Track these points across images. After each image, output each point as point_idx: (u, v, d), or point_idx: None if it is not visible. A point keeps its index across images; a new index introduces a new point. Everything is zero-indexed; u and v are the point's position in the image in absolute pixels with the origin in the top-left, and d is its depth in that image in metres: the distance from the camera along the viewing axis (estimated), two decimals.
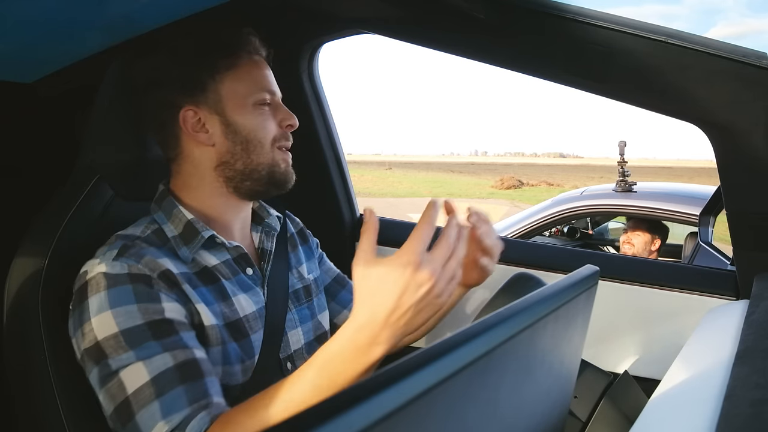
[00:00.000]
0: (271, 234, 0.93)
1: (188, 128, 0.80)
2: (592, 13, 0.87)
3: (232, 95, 0.81)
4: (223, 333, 0.76)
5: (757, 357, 0.58)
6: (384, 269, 0.57)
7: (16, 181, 1.12)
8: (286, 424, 0.27)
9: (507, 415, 0.47)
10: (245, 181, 0.82)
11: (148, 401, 0.65)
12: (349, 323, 0.59)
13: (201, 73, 0.80)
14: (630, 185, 2.68)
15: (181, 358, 0.68)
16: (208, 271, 0.80)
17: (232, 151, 0.81)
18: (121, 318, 0.68)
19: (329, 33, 1.21)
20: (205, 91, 0.80)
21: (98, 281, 0.70)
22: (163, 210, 0.82)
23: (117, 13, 0.89)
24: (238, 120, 0.80)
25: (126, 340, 0.67)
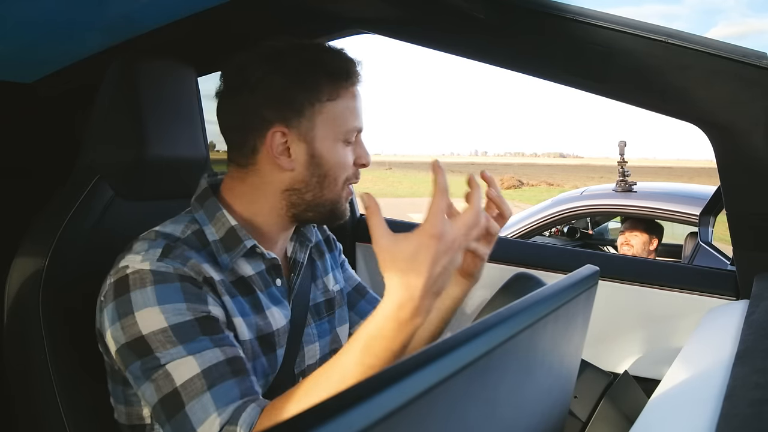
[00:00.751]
0: (305, 245, 0.90)
1: (272, 149, 0.75)
2: (592, 13, 0.87)
3: (326, 127, 0.76)
4: (255, 347, 0.75)
5: (757, 357, 0.58)
6: (411, 246, 0.60)
7: (16, 181, 1.12)
8: (286, 424, 0.27)
9: (507, 415, 0.47)
10: (308, 212, 0.79)
11: (199, 392, 0.64)
12: (388, 302, 0.60)
13: (302, 95, 0.75)
14: (630, 185, 2.68)
15: (230, 353, 0.67)
16: (245, 282, 0.77)
17: (307, 181, 0.77)
18: (169, 313, 0.67)
19: (329, 33, 1.21)
20: (301, 115, 0.75)
21: (143, 276, 0.68)
22: (205, 210, 0.78)
23: (117, 13, 0.89)
24: (324, 153, 0.77)
25: (175, 334, 0.66)
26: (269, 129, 0.75)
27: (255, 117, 0.75)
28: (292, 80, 0.75)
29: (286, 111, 0.75)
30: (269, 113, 0.75)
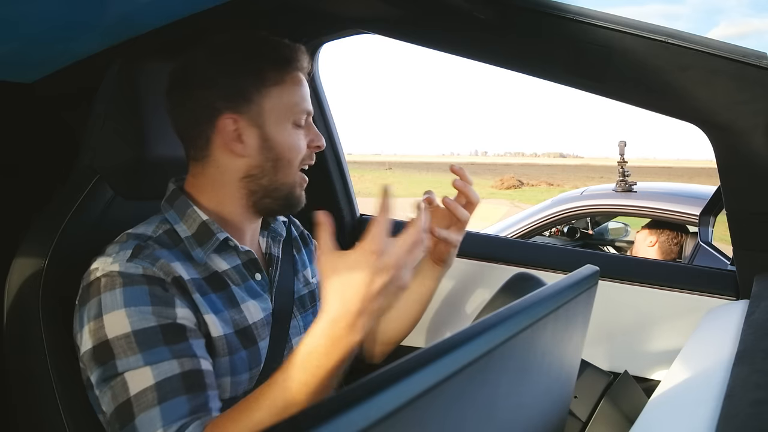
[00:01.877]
0: (277, 239, 0.92)
1: (224, 136, 0.78)
2: (592, 13, 0.87)
3: (275, 110, 0.79)
4: (233, 341, 0.75)
5: (757, 357, 0.58)
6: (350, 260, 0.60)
7: (16, 181, 1.12)
8: (286, 424, 0.27)
9: (507, 415, 0.47)
10: (266, 197, 0.81)
11: (149, 405, 0.64)
12: (323, 317, 0.61)
13: (248, 82, 0.78)
14: (630, 185, 2.68)
15: (188, 366, 0.67)
16: (219, 277, 0.79)
17: (262, 165, 0.79)
18: (134, 318, 0.67)
19: (329, 33, 1.21)
20: (249, 102, 0.78)
21: (112, 279, 0.69)
22: (176, 209, 0.80)
23: (116, 13, 0.89)
24: (275, 136, 0.79)
25: (137, 341, 0.66)
26: (219, 117, 0.78)
27: (206, 108, 0.78)
28: (237, 69, 0.78)
29: (235, 98, 0.78)
30: (219, 103, 0.78)
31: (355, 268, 0.60)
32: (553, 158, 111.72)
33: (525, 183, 24.13)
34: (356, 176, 25.12)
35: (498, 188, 21.93)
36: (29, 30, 0.87)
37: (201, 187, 0.82)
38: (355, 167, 35.08)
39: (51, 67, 1.05)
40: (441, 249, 0.93)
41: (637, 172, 3.27)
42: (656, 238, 2.54)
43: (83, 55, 1.01)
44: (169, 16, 0.94)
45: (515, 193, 20.37)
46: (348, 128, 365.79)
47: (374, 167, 37.84)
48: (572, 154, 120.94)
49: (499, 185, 22.58)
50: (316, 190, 1.38)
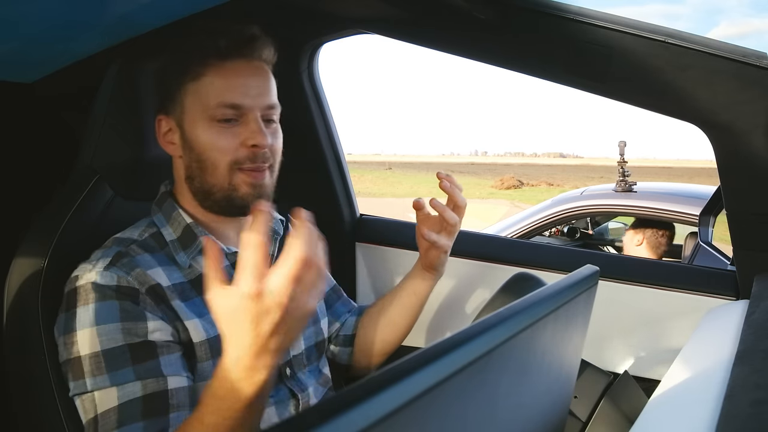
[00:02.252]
0: (275, 238, 0.91)
1: (160, 137, 0.80)
2: (592, 13, 0.87)
3: (193, 107, 0.75)
4: (216, 344, 0.74)
5: (757, 357, 0.58)
6: (230, 302, 0.54)
7: (16, 181, 1.12)
8: (286, 424, 0.27)
9: (507, 415, 0.47)
10: (206, 199, 0.79)
11: (111, 428, 0.66)
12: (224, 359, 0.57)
13: (171, 81, 0.78)
14: (630, 185, 2.68)
15: (151, 389, 0.68)
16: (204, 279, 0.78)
17: (190, 167, 0.78)
18: (103, 337, 0.68)
19: (329, 33, 1.21)
20: (173, 100, 0.78)
21: (87, 292, 0.70)
22: (163, 212, 0.81)
23: (116, 13, 0.89)
24: (192, 135, 0.76)
25: (105, 361, 0.67)
26: (156, 119, 0.80)
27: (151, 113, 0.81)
28: (165, 66, 0.79)
29: (163, 98, 0.79)
30: (155, 104, 0.80)
31: (236, 313, 0.54)
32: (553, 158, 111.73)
33: (525, 183, 24.13)
34: (356, 176, 25.13)
35: (498, 188, 21.93)
36: (29, 30, 0.87)
37: (175, 190, 0.83)
38: (355, 167, 35.08)
39: (51, 67, 1.05)
40: (432, 255, 0.93)
41: (637, 172, 3.27)
42: (642, 236, 2.57)
43: (83, 55, 1.01)
44: (169, 16, 0.94)
45: (515, 193, 20.38)
46: (348, 128, 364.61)
47: (374, 167, 37.83)
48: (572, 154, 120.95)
49: (499, 185, 22.58)
50: (316, 190, 1.38)
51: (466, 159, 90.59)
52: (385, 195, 17.78)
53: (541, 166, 53.16)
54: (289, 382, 0.84)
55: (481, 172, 36.03)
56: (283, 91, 0.87)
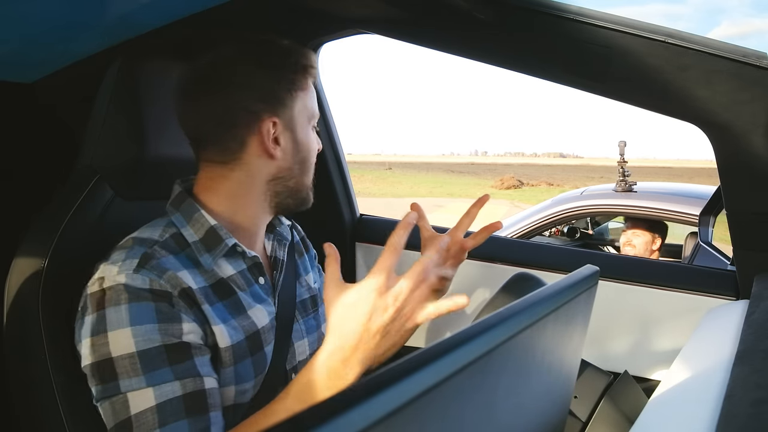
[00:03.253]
0: (283, 243, 0.92)
1: (265, 138, 0.77)
2: (592, 13, 0.87)
3: (302, 114, 0.82)
4: (240, 349, 0.75)
5: (757, 357, 0.58)
6: (352, 295, 0.61)
7: (16, 182, 1.12)
8: (286, 423, 0.27)
9: (507, 415, 0.47)
10: (289, 198, 0.83)
11: (150, 428, 0.64)
12: (322, 349, 0.61)
13: (283, 86, 0.79)
14: (630, 185, 2.68)
15: (190, 387, 0.67)
16: (224, 284, 0.77)
17: (291, 168, 0.82)
18: (139, 338, 0.66)
19: (329, 33, 1.21)
20: (284, 105, 0.79)
21: (118, 293, 0.68)
22: (182, 212, 0.78)
23: (116, 13, 0.89)
24: (303, 139, 0.82)
25: (141, 362, 0.66)
26: (260, 120, 0.77)
27: (244, 111, 0.77)
28: (274, 73, 0.79)
29: (272, 101, 0.79)
30: (258, 106, 0.78)
31: (355, 303, 0.60)
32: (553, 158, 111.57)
33: (525, 183, 24.14)
34: (356, 176, 25.12)
35: (498, 188, 21.93)
36: (29, 30, 0.87)
37: (217, 190, 0.80)
38: (355, 167, 35.06)
39: (51, 67, 1.05)
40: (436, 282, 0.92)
41: (637, 172, 3.27)
42: (631, 235, 2.61)
43: (83, 55, 1.01)
44: (169, 16, 0.94)
45: (515, 193, 20.38)
46: (348, 128, 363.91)
47: (374, 167, 37.83)
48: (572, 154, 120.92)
49: (499, 185, 22.59)
50: (316, 191, 1.38)
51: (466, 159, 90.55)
52: (385, 195, 17.78)
53: (541, 166, 53.13)
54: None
55: (481, 172, 36.04)
56: None
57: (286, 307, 0.86)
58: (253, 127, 0.77)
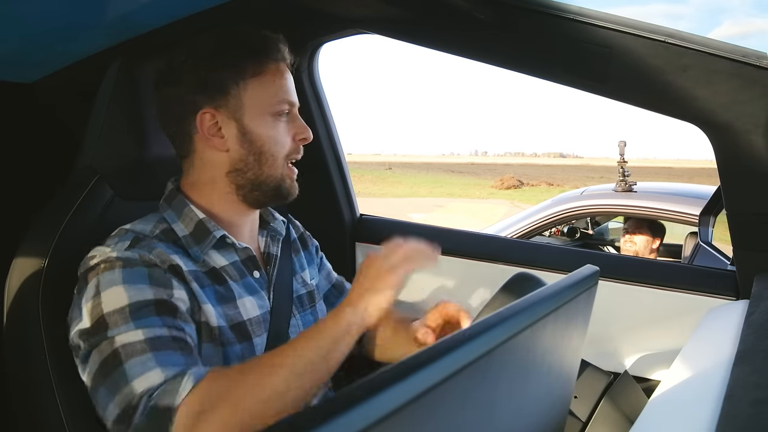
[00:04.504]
0: (277, 238, 0.93)
1: (204, 131, 0.78)
2: (592, 13, 0.87)
3: (254, 103, 0.79)
4: (227, 334, 0.76)
5: (757, 357, 0.58)
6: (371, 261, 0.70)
7: (16, 181, 1.12)
8: (286, 423, 0.27)
9: (507, 415, 0.47)
10: (254, 191, 0.82)
11: (141, 352, 0.65)
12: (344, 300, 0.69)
13: (225, 75, 0.78)
14: (630, 185, 2.68)
15: (177, 335, 0.68)
16: (216, 272, 0.79)
17: (245, 160, 0.80)
18: (132, 292, 0.68)
19: (329, 33, 1.21)
20: (227, 95, 0.78)
21: (111, 262, 0.70)
22: (174, 209, 0.81)
23: (117, 13, 0.89)
24: (254, 129, 0.79)
25: (131, 312, 0.67)
26: (198, 112, 0.78)
27: (185, 104, 0.78)
28: (215, 62, 0.78)
29: (213, 92, 0.78)
30: (197, 98, 0.78)
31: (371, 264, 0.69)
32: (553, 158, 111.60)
33: (525, 183, 24.13)
34: (356, 176, 25.13)
35: (498, 188, 21.93)
36: (29, 30, 0.87)
37: (192, 184, 0.83)
38: (355, 167, 35.06)
39: (51, 67, 1.05)
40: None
41: (637, 172, 3.27)
42: (631, 237, 2.62)
43: (83, 55, 1.01)
44: (169, 16, 0.94)
45: (515, 193, 20.37)
46: (348, 128, 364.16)
47: (374, 167, 37.83)
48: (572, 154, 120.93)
49: (499, 185, 22.58)
50: (316, 190, 1.38)
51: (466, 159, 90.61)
52: (385, 195, 17.78)
53: (541, 166, 53.11)
54: None
55: (481, 172, 36.05)
56: None
57: (281, 302, 0.87)
58: (193, 119, 0.78)
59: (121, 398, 0.64)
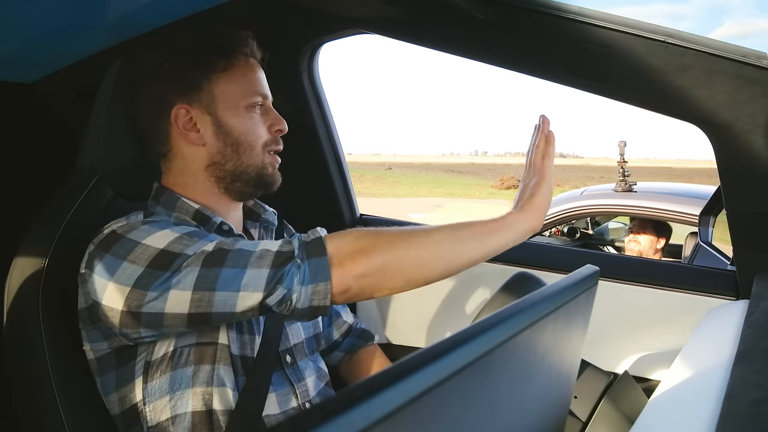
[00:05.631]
0: (270, 229, 0.94)
1: (179, 126, 0.80)
2: (592, 13, 0.87)
3: (226, 96, 0.81)
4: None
5: (757, 357, 0.58)
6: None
7: (16, 181, 1.12)
8: (286, 423, 0.27)
9: (507, 415, 0.47)
10: (235, 182, 0.83)
11: (247, 242, 0.68)
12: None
13: (196, 71, 0.80)
14: (630, 185, 2.68)
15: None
16: None
17: (222, 152, 0.81)
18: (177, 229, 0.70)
19: (329, 33, 1.21)
20: (199, 90, 0.80)
21: (133, 224, 0.71)
22: (163, 204, 0.82)
23: (117, 13, 0.89)
24: (229, 121, 0.81)
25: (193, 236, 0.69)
26: (172, 109, 0.79)
27: (159, 103, 0.80)
28: (185, 59, 0.80)
29: (183, 88, 0.80)
30: (171, 95, 0.80)
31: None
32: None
33: None
34: (356, 176, 25.11)
35: (498, 188, 21.92)
36: (30, 30, 0.87)
37: (174, 182, 0.83)
38: (355, 167, 35.04)
39: (51, 67, 1.05)
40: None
41: (637, 172, 3.27)
42: (637, 237, 2.60)
43: (83, 55, 1.01)
44: (169, 16, 0.94)
45: (515, 193, 20.33)
46: (348, 128, 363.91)
47: (374, 167, 37.82)
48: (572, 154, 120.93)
49: (499, 185, 22.56)
50: (316, 190, 1.38)
51: (466, 159, 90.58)
52: (385, 195, 17.78)
53: None
54: (289, 369, 0.85)
55: (481, 172, 36.04)
56: (283, 91, 0.88)
57: None
58: (168, 117, 0.80)
59: (260, 261, 0.65)
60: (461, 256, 0.69)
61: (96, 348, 0.74)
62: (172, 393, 0.73)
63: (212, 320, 0.67)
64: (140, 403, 0.74)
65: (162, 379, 0.73)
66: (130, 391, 0.74)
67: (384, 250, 0.65)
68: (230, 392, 0.74)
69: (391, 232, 0.68)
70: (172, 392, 0.73)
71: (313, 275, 0.64)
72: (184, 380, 0.73)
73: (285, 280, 0.64)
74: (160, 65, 0.80)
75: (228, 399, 0.74)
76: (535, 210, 0.76)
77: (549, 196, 0.79)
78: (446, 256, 0.68)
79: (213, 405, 0.73)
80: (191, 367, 0.73)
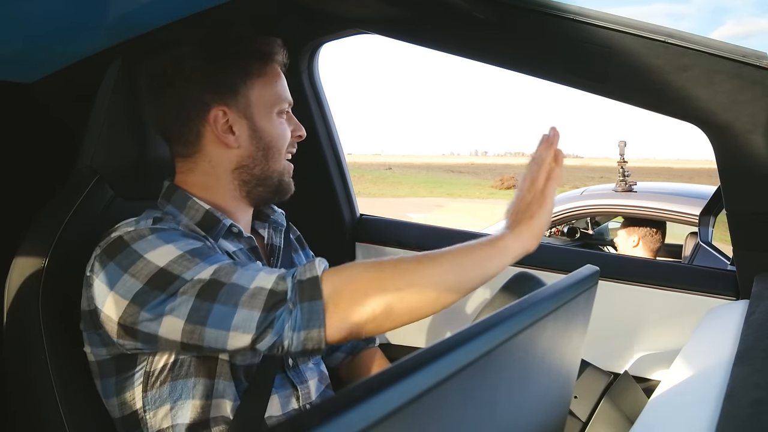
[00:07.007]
0: (279, 230, 0.94)
1: (216, 128, 0.80)
2: (592, 13, 0.87)
3: (260, 101, 0.82)
4: None
5: (757, 357, 0.58)
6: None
7: (16, 181, 1.12)
8: (286, 424, 0.27)
9: (507, 415, 0.47)
10: (258, 186, 0.84)
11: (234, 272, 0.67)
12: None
13: (234, 75, 0.80)
14: (630, 185, 2.68)
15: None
16: (229, 256, 0.80)
17: (253, 155, 0.82)
18: (181, 244, 0.69)
19: (329, 33, 1.21)
20: (236, 93, 0.80)
21: (140, 232, 0.71)
22: (174, 203, 0.81)
23: (117, 13, 0.89)
24: (264, 126, 0.82)
25: (194, 255, 0.68)
26: (210, 110, 0.79)
27: (195, 103, 0.79)
28: (223, 63, 0.80)
29: (223, 91, 0.80)
30: (208, 97, 0.79)
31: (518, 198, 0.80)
32: None
33: None
34: (356, 176, 25.10)
35: (498, 188, 21.91)
36: (30, 30, 0.87)
37: (194, 182, 0.83)
38: (355, 167, 35.02)
39: (51, 68, 1.05)
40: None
41: (637, 172, 3.27)
42: (637, 235, 2.58)
43: (83, 55, 1.01)
44: (169, 16, 0.94)
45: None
46: (348, 128, 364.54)
47: (374, 167, 37.80)
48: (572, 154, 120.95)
49: (499, 185, 22.56)
50: (316, 190, 1.38)
51: (466, 159, 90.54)
52: (385, 195, 17.77)
53: None
54: (291, 372, 0.85)
55: (481, 172, 36.03)
56: None
57: None
58: (204, 118, 0.79)
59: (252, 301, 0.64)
60: (463, 286, 0.69)
61: (96, 353, 0.74)
62: (172, 402, 0.73)
63: (205, 352, 0.68)
64: (140, 410, 0.74)
65: (162, 389, 0.73)
66: (130, 398, 0.74)
67: (387, 292, 0.64)
68: (230, 403, 0.74)
69: (394, 267, 0.66)
70: (172, 401, 0.73)
71: (305, 321, 0.63)
72: (185, 391, 0.73)
73: (276, 325, 0.63)
74: (196, 65, 0.79)
75: (228, 409, 0.74)
76: (532, 235, 0.75)
77: (548, 219, 0.78)
78: (449, 289, 0.67)
79: (214, 414, 0.73)
80: (191, 379, 0.73)
